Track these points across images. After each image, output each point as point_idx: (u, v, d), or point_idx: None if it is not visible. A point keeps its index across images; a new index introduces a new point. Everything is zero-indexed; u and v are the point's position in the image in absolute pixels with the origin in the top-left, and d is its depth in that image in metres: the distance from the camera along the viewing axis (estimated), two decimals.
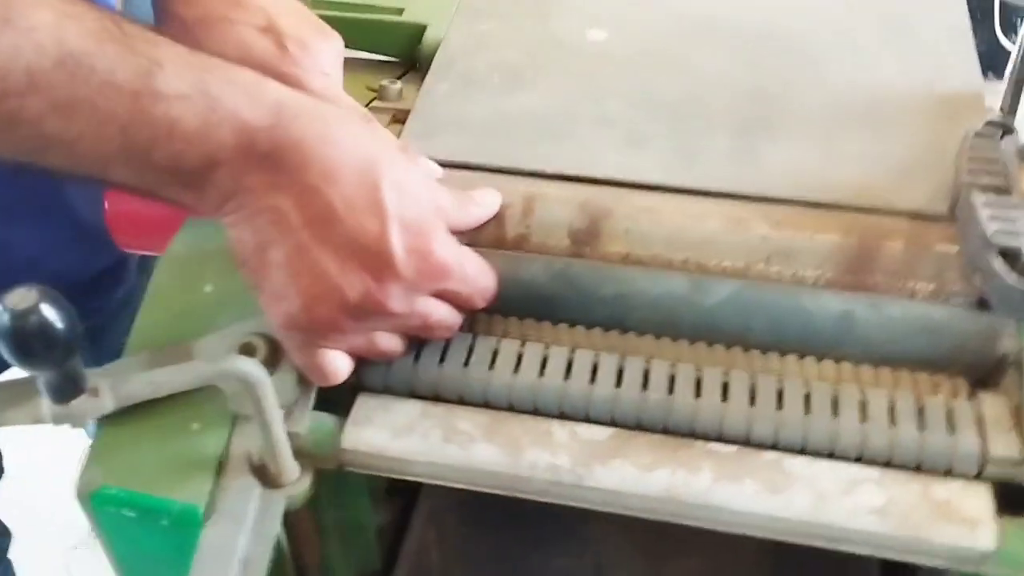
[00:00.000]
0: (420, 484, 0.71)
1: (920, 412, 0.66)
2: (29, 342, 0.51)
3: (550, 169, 0.79)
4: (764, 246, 0.72)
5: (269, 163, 0.61)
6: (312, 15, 0.78)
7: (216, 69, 0.60)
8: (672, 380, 0.69)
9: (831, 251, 0.72)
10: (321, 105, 0.64)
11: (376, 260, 0.62)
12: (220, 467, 0.66)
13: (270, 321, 0.66)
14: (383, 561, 0.95)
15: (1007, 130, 0.71)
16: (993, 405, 0.66)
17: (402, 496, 0.95)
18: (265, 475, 0.66)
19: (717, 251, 0.73)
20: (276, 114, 0.61)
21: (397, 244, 0.62)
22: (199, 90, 0.58)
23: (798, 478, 0.64)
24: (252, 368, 0.59)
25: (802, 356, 0.72)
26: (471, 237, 0.73)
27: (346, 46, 0.98)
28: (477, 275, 0.69)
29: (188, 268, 0.73)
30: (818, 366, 0.70)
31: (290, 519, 0.69)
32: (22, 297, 0.50)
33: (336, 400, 0.70)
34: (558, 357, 0.70)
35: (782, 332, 0.72)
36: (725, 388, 0.68)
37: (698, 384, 0.68)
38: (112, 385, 0.57)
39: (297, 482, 0.67)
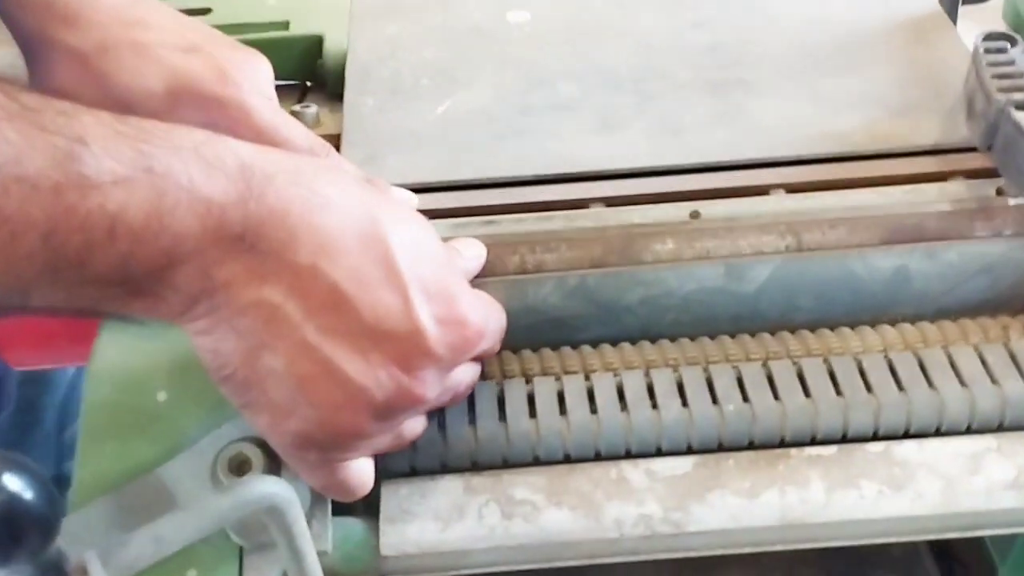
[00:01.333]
0: None
1: (1014, 360, 0.59)
2: None
3: (527, 173, 0.68)
4: (799, 218, 0.64)
5: (246, 247, 0.46)
6: (223, 35, 0.64)
7: (155, 135, 0.44)
8: (741, 384, 0.59)
9: (869, 208, 0.64)
10: (292, 157, 0.50)
11: (405, 345, 0.48)
12: None
13: (273, 442, 0.51)
14: None
15: (1012, 40, 0.66)
16: None
17: None
18: None
19: (748, 233, 0.64)
20: (244, 181, 0.46)
21: (426, 319, 0.49)
22: (140, 167, 0.43)
23: (916, 467, 0.56)
24: (278, 488, 0.45)
25: (853, 326, 0.64)
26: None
27: None
28: (499, 322, 0.57)
29: (130, 377, 0.58)
30: (879, 333, 0.63)
31: None
32: None
33: None
34: (605, 386, 0.59)
35: (831, 304, 0.64)
36: (801, 380, 0.59)
37: (771, 382, 0.59)
38: (103, 557, 0.42)
39: None
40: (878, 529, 0.55)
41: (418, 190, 0.66)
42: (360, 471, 0.53)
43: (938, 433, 0.58)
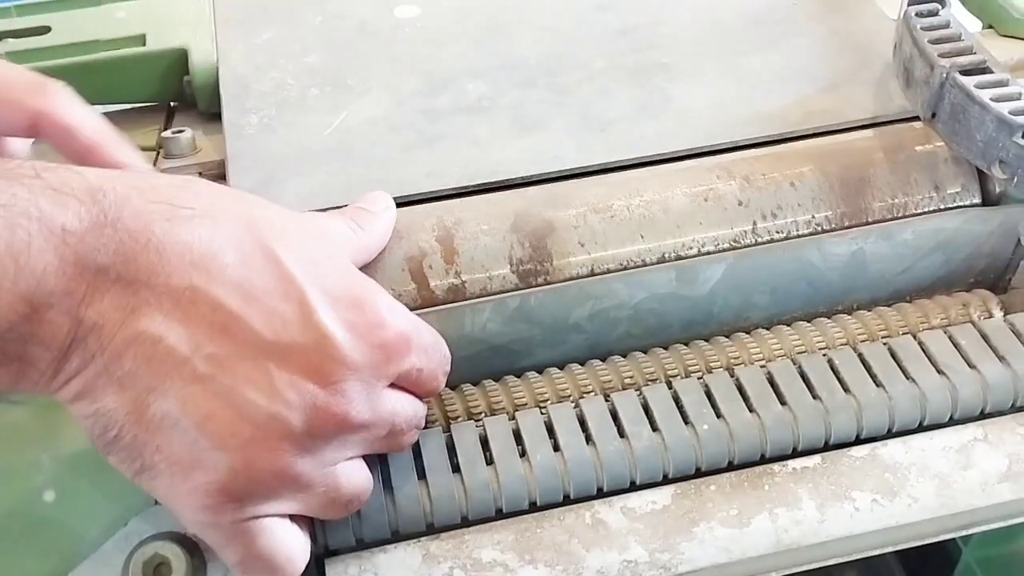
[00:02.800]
0: None
1: (987, 341, 0.56)
2: None
3: (447, 185, 0.61)
4: (745, 211, 0.59)
5: (113, 278, 0.40)
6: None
7: None
8: (711, 398, 0.54)
9: (817, 192, 0.60)
10: (144, 175, 0.44)
11: (313, 356, 0.42)
12: None
13: (180, 511, 0.43)
14: None
15: (941, 1, 0.63)
16: None
17: None
18: None
19: (695, 232, 0.59)
20: (96, 204, 0.40)
21: (332, 323, 0.43)
22: None
23: (907, 469, 0.52)
24: None
25: (810, 319, 0.60)
26: None
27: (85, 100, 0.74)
28: (434, 341, 0.51)
29: (4, 477, 0.48)
30: (840, 325, 0.59)
31: None
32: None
33: None
34: (565, 417, 0.53)
35: (787, 298, 0.60)
36: (774, 387, 0.54)
37: (742, 393, 0.54)
38: None
39: None
40: (876, 541, 0.51)
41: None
42: (288, 538, 0.45)
43: (921, 428, 0.54)
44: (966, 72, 0.58)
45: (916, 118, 0.62)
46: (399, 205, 0.58)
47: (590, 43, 0.71)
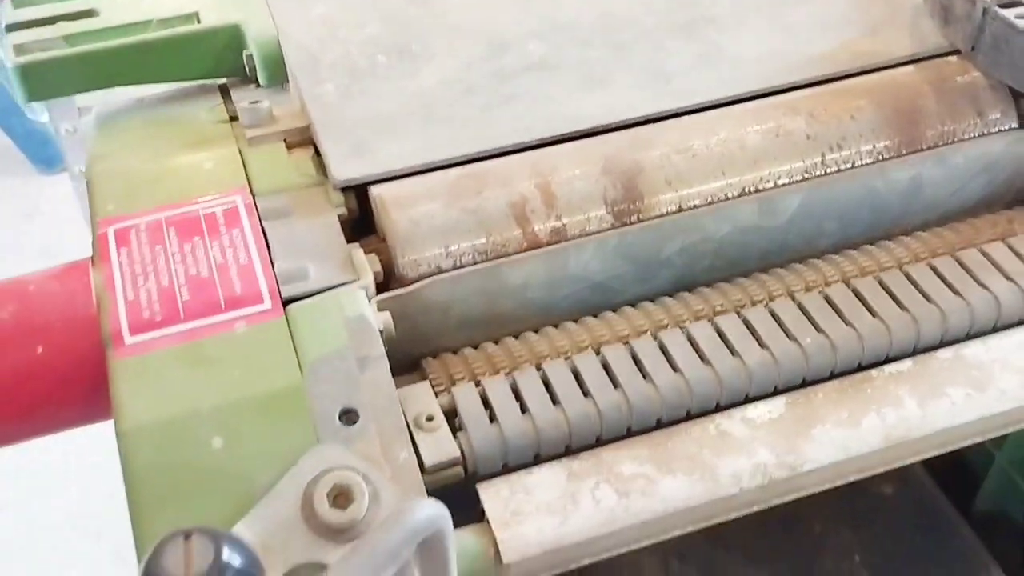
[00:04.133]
0: None
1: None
2: None
3: (533, 137, 0.64)
4: (814, 144, 0.64)
5: None
6: None
7: None
8: (808, 315, 0.58)
9: (875, 123, 0.65)
10: None
11: None
12: None
13: None
14: None
15: None
16: None
17: None
18: None
19: (771, 166, 0.63)
20: None
21: None
22: None
23: (991, 365, 0.57)
24: (440, 510, 0.40)
25: (871, 244, 0.65)
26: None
27: (137, 81, 0.75)
28: None
29: (173, 429, 0.50)
30: (902, 244, 0.64)
31: None
32: (197, 551, 0.28)
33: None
34: (678, 342, 0.57)
35: (852, 224, 0.65)
36: (862, 302, 0.59)
37: (835, 309, 0.59)
38: None
39: None
40: (971, 431, 0.56)
41: (427, 171, 0.61)
42: None
43: (995, 330, 0.59)
44: (1005, 5, 0.63)
45: (952, 53, 0.68)
46: (491, 157, 0.61)
47: (636, 2, 0.75)
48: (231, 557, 0.29)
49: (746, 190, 0.63)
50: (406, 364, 0.59)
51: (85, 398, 0.55)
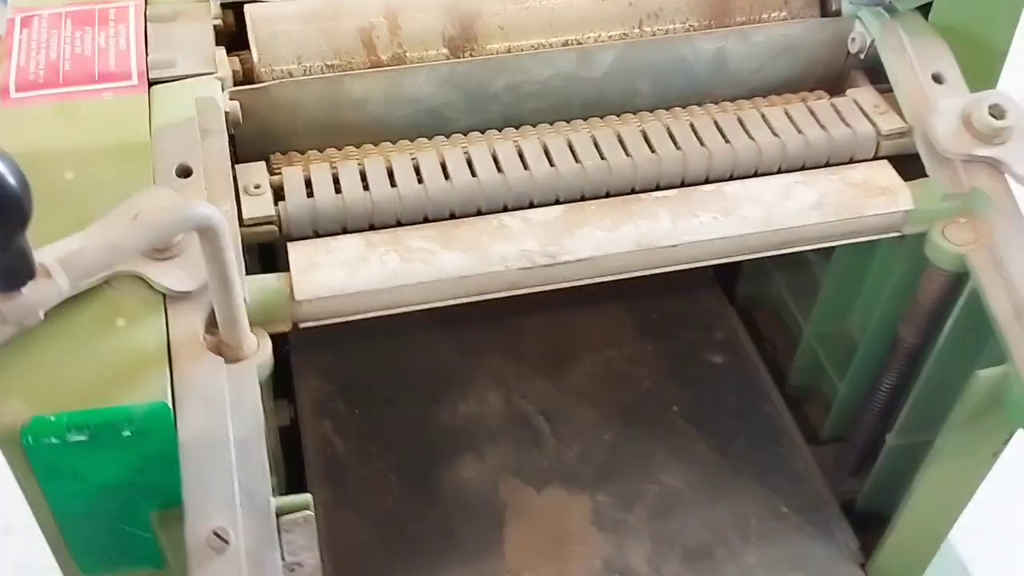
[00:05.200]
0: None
1: (813, 114, 0.72)
2: None
3: None
4: (634, 11, 0.74)
5: None
6: None
7: None
8: (597, 146, 0.69)
9: (692, 2, 0.75)
10: None
11: None
12: (170, 356, 0.57)
13: None
14: (294, 466, 0.88)
15: None
16: (865, 96, 0.73)
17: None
18: (223, 353, 0.58)
19: (594, 26, 0.73)
20: None
21: None
22: None
23: (742, 199, 0.67)
24: (214, 212, 0.50)
25: (685, 107, 0.75)
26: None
27: None
28: None
29: (35, 162, 0.60)
30: (706, 109, 0.74)
31: None
32: None
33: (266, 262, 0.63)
34: (482, 154, 0.67)
35: (665, 87, 0.74)
36: (647, 141, 0.69)
37: (622, 143, 0.69)
38: (63, 262, 0.46)
39: (259, 351, 0.59)
40: (715, 249, 0.66)
41: None
42: None
43: (756, 175, 0.70)
44: None
45: None
46: None
47: None
48: None
49: (568, 43, 0.73)
50: (256, 158, 0.69)
51: None
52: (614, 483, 0.88)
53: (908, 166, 0.70)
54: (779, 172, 0.70)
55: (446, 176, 0.66)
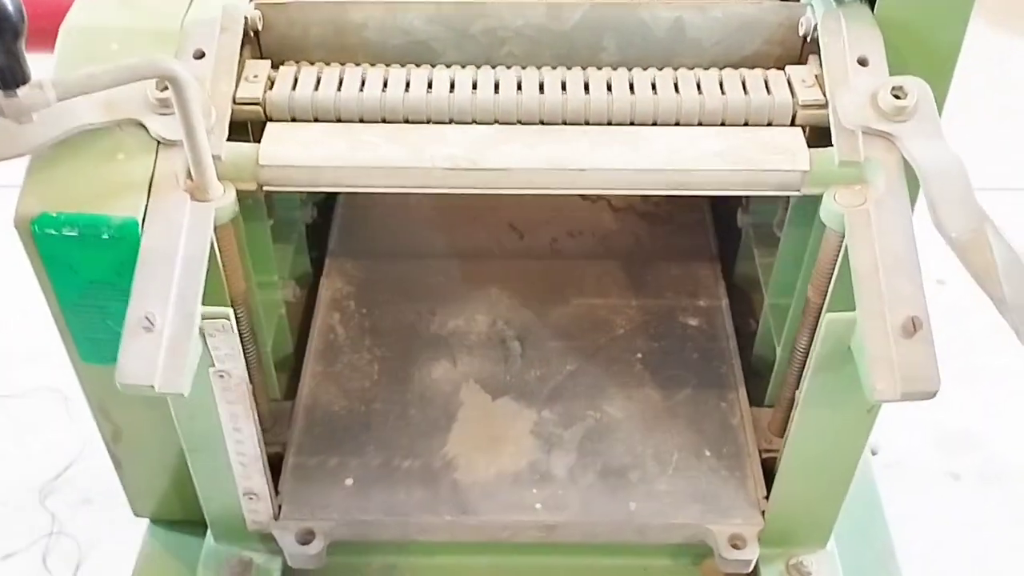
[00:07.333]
0: None
1: (743, 83, 0.80)
2: None
3: None
4: None
5: None
6: None
7: None
8: (541, 85, 0.80)
9: None
10: None
11: None
12: (150, 187, 0.73)
13: None
14: (295, 344, 1.04)
15: None
16: (798, 72, 0.81)
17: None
18: (193, 193, 0.74)
19: None
20: None
21: None
22: None
23: (654, 139, 0.77)
24: (179, 66, 0.66)
25: (646, 68, 0.85)
26: None
27: None
28: None
29: (92, 34, 0.79)
30: (665, 72, 0.83)
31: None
32: None
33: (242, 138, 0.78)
34: (441, 77, 0.81)
35: (628, 47, 0.85)
36: (587, 87, 0.80)
37: (564, 86, 0.80)
38: (53, 81, 0.63)
39: (223, 197, 0.74)
40: (619, 179, 0.76)
41: None
42: None
43: (676, 124, 0.79)
44: None
45: None
46: None
47: None
48: None
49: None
50: (277, 60, 0.85)
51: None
52: (561, 404, 0.99)
53: (827, 139, 0.78)
54: (699, 125, 0.79)
55: (407, 89, 0.80)
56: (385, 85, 0.80)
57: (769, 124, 0.79)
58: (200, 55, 0.78)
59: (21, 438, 1.59)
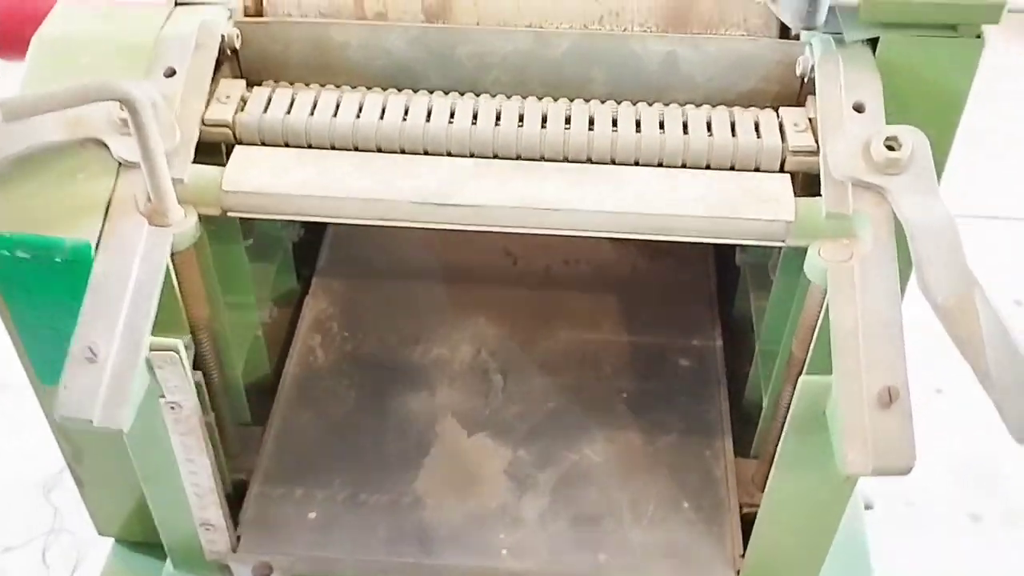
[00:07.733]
0: None
1: (732, 124, 0.76)
2: None
3: None
4: (597, 8, 0.81)
5: None
6: None
7: None
8: (521, 117, 0.77)
9: (653, 7, 0.81)
10: None
11: None
12: (108, 210, 0.71)
13: None
14: (273, 366, 1.02)
15: None
16: (791, 115, 0.77)
17: None
18: (152, 217, 0.71)
19: (557, 15, 0.81)
20: None
21: None
22: None
23: (633, 181, 0.74)
24: (134, 87, 0.64)
25: (635, 103, 0.81)
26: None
27: None
28: None
29: (67, 45, 0.77)
30: (655, 107, 0.80)
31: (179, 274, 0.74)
32: None
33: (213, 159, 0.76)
34: (419, 104, 0.78)
35: (618, 79, 0.81)
36: (568, 120, 0.77)
37: (544, 119, 0.77)
38: (5, 100, 0.61)
39: (183, 222, 0.72)
40: (592, 221, 0.73)
41: None
42: None
43: (659, 165, 0.75)
44: None
45: None
46: None
47: None
48: None
49: (531, 25, 0.81)
50: (255, 80, 0.83)
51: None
52: (538, 444, 0.95)
53: (818, 187, 0.74)
54: (683, 167, 0.75)
55: (381, 116, 0.77)
56: (360, 111, 0.77)
57: (757, 169, 0.75)
58: (171, 73, 0.76)
59: (24, 432, 1.59)
